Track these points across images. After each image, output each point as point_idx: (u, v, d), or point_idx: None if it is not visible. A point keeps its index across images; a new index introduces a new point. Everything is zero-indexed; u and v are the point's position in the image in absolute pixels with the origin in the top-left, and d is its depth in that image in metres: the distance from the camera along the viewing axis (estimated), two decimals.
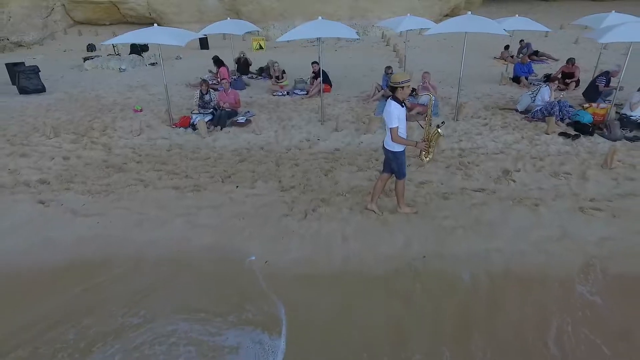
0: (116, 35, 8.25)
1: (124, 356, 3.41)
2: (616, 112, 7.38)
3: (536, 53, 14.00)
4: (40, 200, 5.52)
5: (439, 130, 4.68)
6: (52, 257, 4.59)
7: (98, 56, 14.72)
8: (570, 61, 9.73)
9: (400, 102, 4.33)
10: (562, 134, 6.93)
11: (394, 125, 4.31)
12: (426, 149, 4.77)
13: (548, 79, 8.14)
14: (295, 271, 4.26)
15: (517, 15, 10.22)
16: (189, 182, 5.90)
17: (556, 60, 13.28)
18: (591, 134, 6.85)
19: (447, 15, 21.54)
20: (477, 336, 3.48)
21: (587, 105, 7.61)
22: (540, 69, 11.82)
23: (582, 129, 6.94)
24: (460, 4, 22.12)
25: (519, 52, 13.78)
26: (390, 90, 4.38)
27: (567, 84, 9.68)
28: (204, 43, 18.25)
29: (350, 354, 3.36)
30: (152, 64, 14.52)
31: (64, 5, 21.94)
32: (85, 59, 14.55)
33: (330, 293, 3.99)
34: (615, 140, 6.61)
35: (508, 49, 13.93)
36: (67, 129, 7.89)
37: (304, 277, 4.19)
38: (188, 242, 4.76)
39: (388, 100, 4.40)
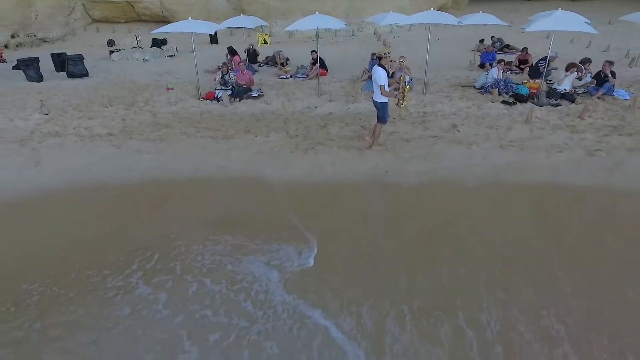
0: (131, 32, 10.36)
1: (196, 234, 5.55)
2: (547, 86, 9.52)
3: (507, 46, 16.17)
4: (114, 145, 7.67)
5: (408, 85, 6.86)
6: (131, 178, 6.72)
7: (123, 49, 16.85)
8: (524, 50, 11.90)
9: (385, 68, 6.49)
10: (503, 101, 9.08)
11: (383, 83, 6.47)
12: (402, 98, 6.92)
13: (498, 62, 10.29)
14: (300, 180, 6.41)
15: (480, 12, 12.36)
16: (220, 134, 8.05)
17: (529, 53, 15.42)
18: (525, 102, 8.99)
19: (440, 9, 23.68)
20: (407, 219, 5.64)
21: (526, 81, 9.76)
22: (509, 59, 13.94)
23: (519, 99, 9.09)
24: (447, 3, 24.30)
25: (492, 44, 15.97)
26: (378, 59, 6.54)
27: (522, 69, 11.83)
28: (213, 38, 20.39)
29: (321, 208, 5.52)
30: (171, 56, 16.66)
31: (83, 4, 24.08)
32: (111, 52, 16.68)
33: (321, 193, 6.14)
34: (542, 106, 8.76)
35: (483, 42, 16.08)
36: (117, 101, 10.03)
37: (306, 184, 6.33)
38: (225, 168, 6.90)
39: (375, 66, 6.56)
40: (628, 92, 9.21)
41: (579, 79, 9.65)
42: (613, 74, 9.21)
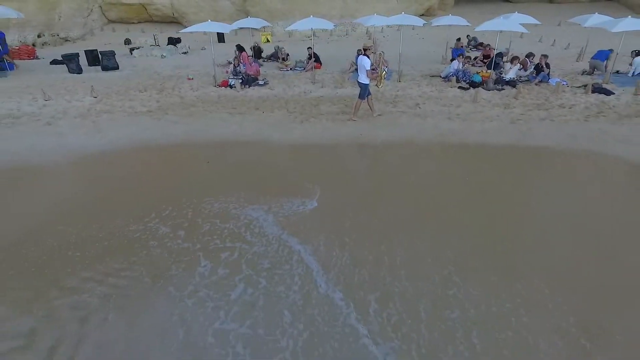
0: (144, 32, 12.72)
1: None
2: (497, 75, 11.90)
3: (481, 44, 18.55)
4: (154, 118, 10.06)
5: (385, 71, 9.30)
6: (170, 141, 9.09)
7: (142, 47, 19.24)
8: (487, 46, 14.27)
9: (368, 57, 8.89)
10: (460, 87, 11.46)
11: (368, 68, 8.85)
12: (379, 80, 9.35)
13: (459, 56, 12.68)
14: (298, 141, 8.79)
15: (450, 14, 14.75)
16: (235, 111, 10.43)
17: (493, 48, 17.81)
18: (477, 87, 11.37)
19: (422, 15, 26.05)
20: (368, 165, 8.03)
21: (479, 71, 12.15)
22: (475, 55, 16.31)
23: (473, 85, 11.47)
24: (435, 5, 26.68)
25: (468, 43, 18.39)
26: (363, 50, 8.92)
27: (485, 62, 14.20)
28: (220, 37, 22.78)
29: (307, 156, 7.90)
30: (184, 53, 19.05)
31: (100, 7, 26.48)
32: (131, 49, 19.07)
33: (312, 149, 8.52)
34: (489, 90, 11.13)
35: (459, 40, 18.47)
36: (149, 88, 12.40)
37: (302, 143, 8.72)
38: (240, 134, 9.27)
39: (361, 56, 8.94)
40: (563, 80, 11.58)
41: (525, 69, 12.03)
42: (547, 65, 11.59)
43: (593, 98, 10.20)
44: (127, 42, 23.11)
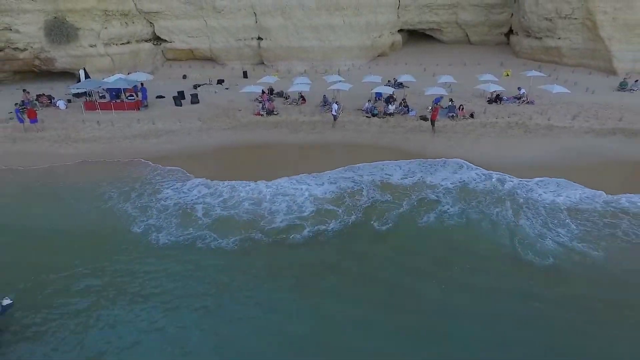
0: (191, 67, 26.99)
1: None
2: (384, 109, 25.93)
3: (401, 84, 32.46)
4: (230, 130, 24.12)
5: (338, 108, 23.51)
6: (239, 143, 23.10)
7: (204, 84, 33.29)
8: (394, 92, 28.33)
9: (337, 103, 22.98)
10: (366, 116, 25.47)
11: (336, 108, 22.93)
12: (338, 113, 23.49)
13: (388, 98, 26.71)
14: (300, 142, 22.86)
15: (376, 76, 28.83)
16: (265, 127, 24.46)
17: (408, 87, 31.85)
18: (376, 116, 25.36)
19: (379, 56, 40.01)
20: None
21: (379, 106, 26.23)
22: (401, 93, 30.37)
23: (374, 115, 25.46)
24: (386, 50, 40.61)
25: (389, 83, 32.42)
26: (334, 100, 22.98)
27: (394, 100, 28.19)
28: (245, 74, 36.73)
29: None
30: (227, 89, 33.02)
31: (162, 51, 40.48)
32: (195, 86, 33.02)
33: (299, 144, 22.59)
34: (380, 118, 25.14)
35: (389, 82, 32.43)
36: (220, 114, 26.35)
37: (303, 143, 22.79)
38: (270, 138, 23.30)
39: (333, 103, 23.00)
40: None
41: (397, 106, 25.98)
42: (405, 101, 25.55)
43: (418, 122, 24.18)
44: (184, 77, 37.15)
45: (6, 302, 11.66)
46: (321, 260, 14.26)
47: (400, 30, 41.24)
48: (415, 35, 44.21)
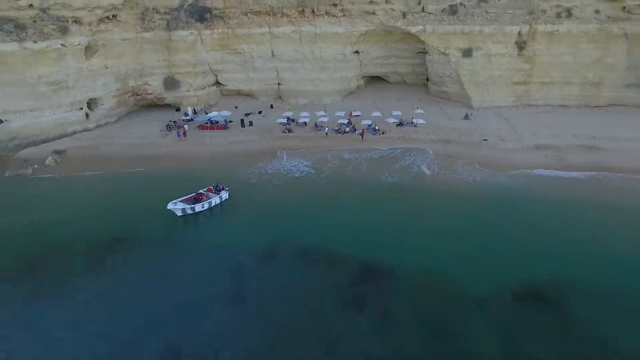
0: (238, 100, 56.46)
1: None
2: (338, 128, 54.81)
3: (358, 115, 61.17)
4: (277, 141, 53.02)
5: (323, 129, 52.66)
6: (285, 147, 51.83)
7: (251, 112, 62.05)
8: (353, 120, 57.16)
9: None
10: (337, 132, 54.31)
11: (326, 130, 51.87)
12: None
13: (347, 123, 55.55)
14: (304, 148, 51.80)
15: (343, 111, 57.80)
16: (290, 138, 53.21)
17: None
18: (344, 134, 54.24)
19: (349, 94, 68.83)
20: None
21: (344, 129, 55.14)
22: (353, 119, 59.25)
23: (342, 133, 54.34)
24: (354, 90, 69.22)
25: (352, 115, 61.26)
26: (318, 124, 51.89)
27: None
28: (271, 106, 65.33)
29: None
30: (263, 116, 61.64)
31: (220, 90, 69.02)
32: (246, 114, 61.55)
33: (298, 148, 51.54)
34: (341, 134, 54.02)
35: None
36: (266, 134, 54.92)
37: (305, 149, 51.75)
38: (294, 145, 52.08)
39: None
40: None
41: (350, 127, 54.67)
42: (353, 125, 54.30)
43: (357, 136, 52.86)
44: (236, 107, 65.76)
45: (224, 194, 40.00)
46: (327, 182, 43.00)
47: (363, 77, 70.20)
48: (374, 79, 73.26)
